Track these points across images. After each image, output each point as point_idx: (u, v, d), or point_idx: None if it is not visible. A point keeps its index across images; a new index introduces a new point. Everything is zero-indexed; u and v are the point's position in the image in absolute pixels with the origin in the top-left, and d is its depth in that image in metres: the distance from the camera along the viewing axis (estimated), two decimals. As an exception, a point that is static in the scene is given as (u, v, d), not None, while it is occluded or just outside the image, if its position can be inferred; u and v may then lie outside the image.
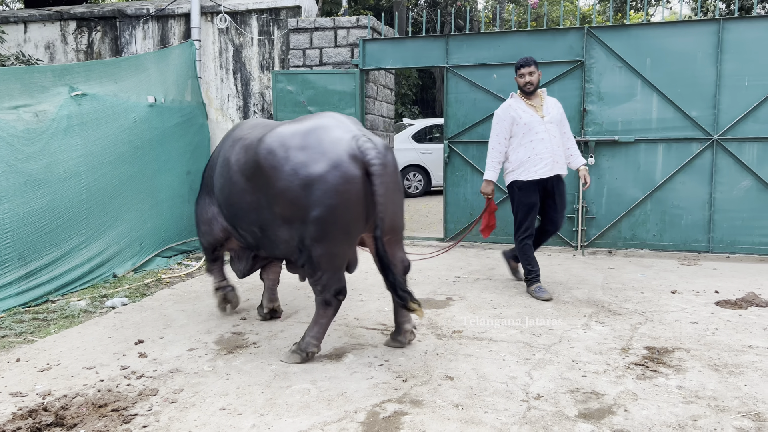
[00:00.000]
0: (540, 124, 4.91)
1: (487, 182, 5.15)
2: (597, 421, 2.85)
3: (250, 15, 8.29)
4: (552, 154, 4.91)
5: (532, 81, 4.93)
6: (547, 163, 4.91)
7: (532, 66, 4.92)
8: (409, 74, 19.09)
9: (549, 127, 4.92)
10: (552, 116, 4.97)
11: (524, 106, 4.97)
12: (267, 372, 3.49)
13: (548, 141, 4.89)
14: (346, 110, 7.48)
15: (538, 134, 4.90)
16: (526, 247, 5.09)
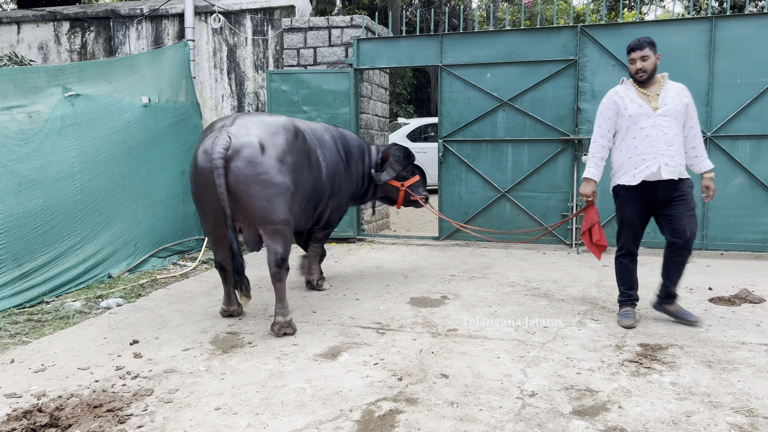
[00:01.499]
0: (648, 118, 4.03)
1: (586, 181, 4.36)
2: (591, 417, 2.86)
3: (244, 15, 8.29)
4: (659, 154, 4.00)
5: (645, 68, 4.03)
6: (651, 165, 4.01)
7: (646, 49, 4.02)
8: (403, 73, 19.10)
9: (660, 122, 4.00)
10: (669, 108, 4.03)
11: (634, 95, 4.11)
12: (262, 371, 3.49)
13: (655, 138, 4.00)
14: (341, 109, 7.48)
15: (643, 129, 4.04)
16: (620, 265, 4.35)
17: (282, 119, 4.44)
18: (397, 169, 5.55)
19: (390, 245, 7.57)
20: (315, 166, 4.64)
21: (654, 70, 4.07)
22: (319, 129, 5.11)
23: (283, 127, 4.33)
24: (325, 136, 5.08)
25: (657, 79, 4.14)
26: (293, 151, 4.29)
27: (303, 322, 4.43)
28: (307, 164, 4.49)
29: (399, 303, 4.90)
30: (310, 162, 4.55)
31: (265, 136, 4.15)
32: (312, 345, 3.92)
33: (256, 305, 4.90)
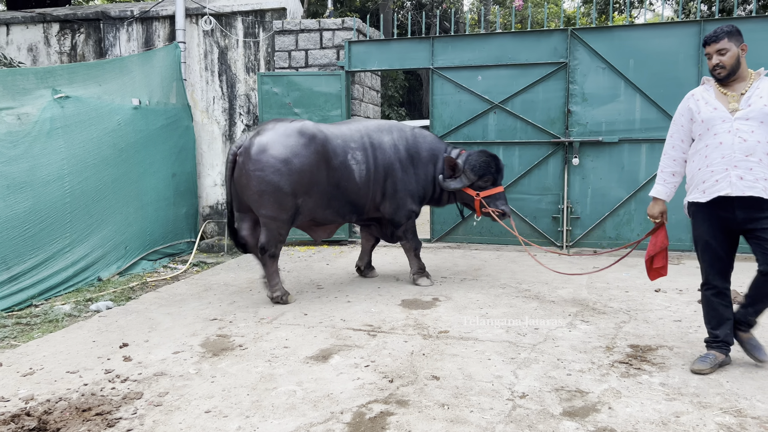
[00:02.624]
0: (723, 122, 3.31)
1: (654, 201, 3.74)
2: (581, 419, 2.87)
3: (235, 17, 8.27)
4: (732, 165, 3.26)
5: (722, 63, 3.31)
6: (721, 179, 3.28)
7: (723, 40, 3.30)
8: (395, 76, 19.12)
9: (739, 126, 3.27)
10: (754, 110, 3.26)
11: (711, 96, 3.41)
12: (253, 374, 3.48)
13: (729, 146, 3.27)
14: (332, 112, 7.48)
15: (716, 136, 3.32)
16: (703, 299, 3.59)
17: (299, 125, 4.95)
18: (471, 178, 5.29)
19: (382, 248, 7.56)
20: (339, 169, 5.05)
21: (737, 64, 3.31)
22: (370, 131, 5.31)
23: (298, 131, 4.87)
24: (382, 138, 5.30)
25: (745, 76, 3.36)
26: (302, 154, 4.81)
27: (294, 324, 4.42)
28: (324, 166, 4.95)
29: (390, 305, 4.90)
30: (329, 165, 4.98)
31: (274, 138, 4.80)
32: (303, 347, 3.91)
33: (247, 308, 4.88)
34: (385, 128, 5.42)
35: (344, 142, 5.15)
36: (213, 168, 8.48)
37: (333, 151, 5.03)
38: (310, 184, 4.90)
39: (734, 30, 3.32)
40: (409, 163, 5.37)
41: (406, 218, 5.46)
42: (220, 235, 8.37)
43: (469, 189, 5.35)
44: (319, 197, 5.00)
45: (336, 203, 5.15)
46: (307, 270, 6.30)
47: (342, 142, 5.13)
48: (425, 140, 5.49)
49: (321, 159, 4.93)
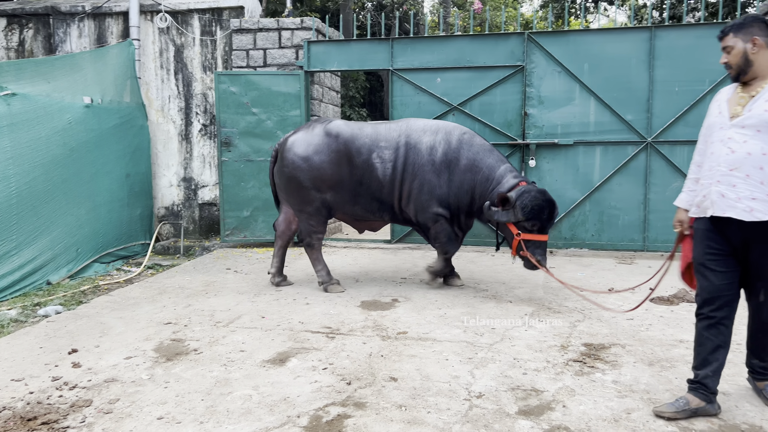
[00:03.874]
0: (720, 129, 2.92)
1: (678, 210, 3.23)
2: (536, 417, 2.91)
3: (191, 15, 8.12)
4: (714, 180, 2.87)
5: (729, 62, 2.93)
6: (707, 195, 2.91)
7: (729, 36, 2.91)
8: (356, 77, 19.08)
9: (732, 135, 2.84)
10: (753, 116, 2.81)
11: (725, 98, 3.00)
12: (208, 379, 3.42)
13: (717, 158, 2.88)
14: (291, 112, 7.42)
15: (712, 145, 2.95)
16: (695, 330, 3.02)
17: (329, 124, 5.32)
18: (518, 216, 4.79)
19: (342, 249, 7.54)
20: (361, 166, 5.20)
21: (745, 62, 2.86)
22: (412, 131, 5.26)
23: (325, 130, 5.28)
24: (422, 138, 5.22)
25: (765, 74, 2.86)
26: (324, 151, 5.20)
27: (251, 327, 4.36)
28: (346, 164, 5.20)
29: (349, 307, 4.88)
30: (352, 162, 5.20)
31: (301, 137, 5.31)
32: (260, 351, 3.86)
33: (202, 311, 4.79)
34: (431, 129, 5.28)
35: (372, 141, 5.24)
36: (169, 168, 8.30)
37: (357, 150, 5.20)
38: (332, 180, 5.22)
39: (746, 22, 2.86)
40: (443, 167, 5.14)
41: (432, 221, 5.23)
42: (176, 237, 8.21)
43: (513, 225, 4.89)
44: (345, 193, 5.28)
45: (362, 200, 5.31)
46: (266, 272, 6.22)
47: (369, 141, 5.23)
48: (470, 149, 5.17)
49: (343, 157, 5.20)
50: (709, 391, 2.90)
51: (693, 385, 2.95)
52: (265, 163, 7.45)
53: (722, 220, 2.86)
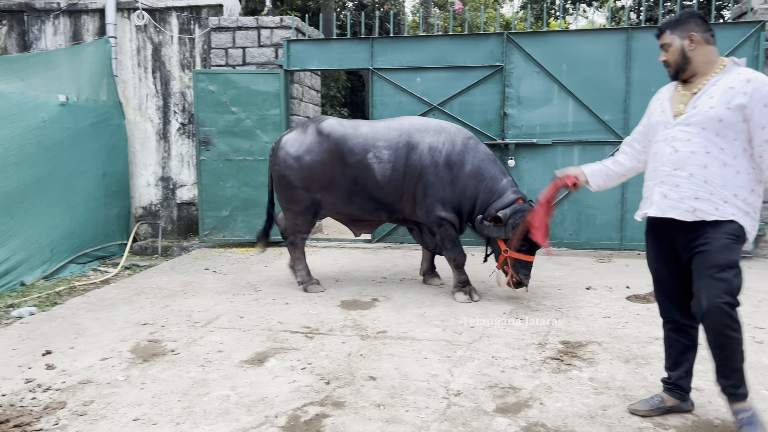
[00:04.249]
0: (664, 128, 2.79)
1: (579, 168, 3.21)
2: (514, 414, 2.92)
3: (169, 12, 8.04)
4: (658, 180, 2.79)
5: (666, 60, 2.81)
6: (649, 196, 2.85)
7: (665, 34, 2.79)
8: (337, 76, 19.05)
9: (675, 134, 2.72)
10: (698, 113, 2.65)
11: (667, 96, 2.88)
12: (185, 380, 3.38)
13: (660, 157, 2.78)
14: (271, 111, 7.38)
15: (656, 144, 2.84)
16: (664, 335, 3.01)
17: (322, 123, 5.24)
18: (508, 234, 4.77)
19: (322, 248, 7.52)
20: (355, 166, 5.09)
21: (683, 60, 2.73)
22: (413, 131, 5.12)
23: (317, 129, 5.21)
24: (423, 138, 5.07)
25: (705, 70, 2.72)
26: (315, 151, 5.14)
27: (229, 328, 4.33)
28: (339, 163, 5.12)
29: (329, 306, 4.87)
30: (345, 162, 5.11)
31: (294, 136, 5.28)
32: (238, 351, 3.83)
33: (180, 312, 4.75)
34: (433, 129, 5.13)
35: (367, 140, 5.11)
36: (146, 168, 8.21)
37: (350, 149, 5.10)
38: (324, 180, 5.16)
39: (682, 18, 2.73)
40: (446, 169, 4.98)
41: (437, 225, 5.08)
42: (154, 237, 8.12)
43: (502, 242, 4.85)
44: (339, 193, 5.20)
45: (358, 200, 5.20)
46: (245, 272, 6.19)
47: (363, 141, 5.11)
48: (476, 155, 5.04)
49: (334, 156, 5.12)
50: (683, 391, 2.92)
51: (668, 386, 2.95)
52: (244, 162, 7.40)
53: (665, 222, 2.76)
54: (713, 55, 2.71)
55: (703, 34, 2.70)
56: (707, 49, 2.71)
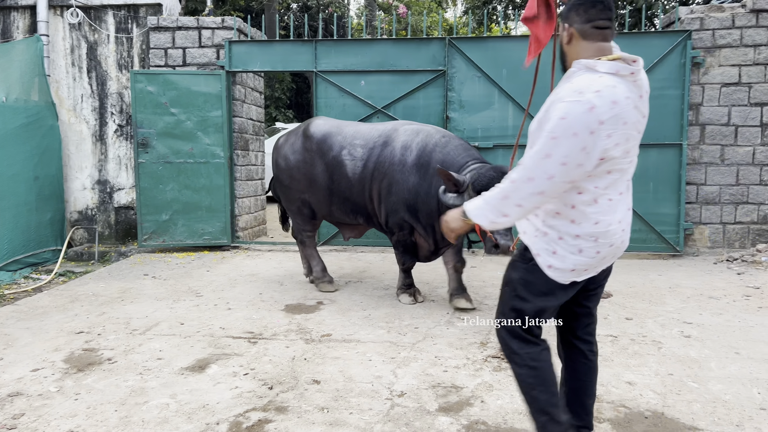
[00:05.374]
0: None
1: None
2: (456, 413, 2.97)
3: (105, 10, 7.79)
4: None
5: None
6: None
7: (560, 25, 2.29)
8: (282, 78, 18.88)
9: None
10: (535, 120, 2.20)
11: None
12: (122, 389, 3.29)
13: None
14: (212, 112, 7.25)
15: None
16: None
17: (309, 123, 5.31)
18: (473, 197, 3.52)
19: (266, 252, 7.43)
20: (331, 164, 5.06)
21: (562, 56, 2.32)
22: (392, 132, 4.94)
23: (303, 129, 5.30)
24: (399, 138, 4.85)
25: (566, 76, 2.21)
26: (299, 151, 5.24)
27: (169, 335, 4.22)
28: (320, 163, 5.12)
29: (273, 311, 4.82)
30: (325, 161, 5.10)
31: (286, 137, 5.44)
32: (178, 358, 3.75)
33: (118, 319, 4.60)
34: (413, 130, 4.88)
35: (346, 138, 5.07)
36: (82, 171, 7.92)
37: (328, 147, 5.10)
38: (307, 180, 5.21)
39: (567, 7, 2.21)
40: (414, 169, 4.70)
41: (397, 227, 4.85)
42: (90, 242, 7.84)
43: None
44: (320, 194, 5.20)
45: (336, 200, 5.16)
46: (186, 277, 6.05)
47: (342, 139, 5.09)
48: (443, 149, 4.63)
49: (316, 156, 5.15)
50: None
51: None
52: (184, 165, 7.24)
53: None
54: (587, 53, 2.12)
55: (582, 26, 2.12)
56: (581, 45, 2.13)
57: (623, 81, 2.05)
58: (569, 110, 1.97)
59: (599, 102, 1.96)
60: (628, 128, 2.04)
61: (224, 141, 7.30)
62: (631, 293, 5.30)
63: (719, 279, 5.83)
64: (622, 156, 2.07)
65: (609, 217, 2.12)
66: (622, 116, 2.00)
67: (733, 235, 6.98)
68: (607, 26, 2.11)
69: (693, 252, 7.01)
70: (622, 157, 2.08)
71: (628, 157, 2.11)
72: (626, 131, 2.04)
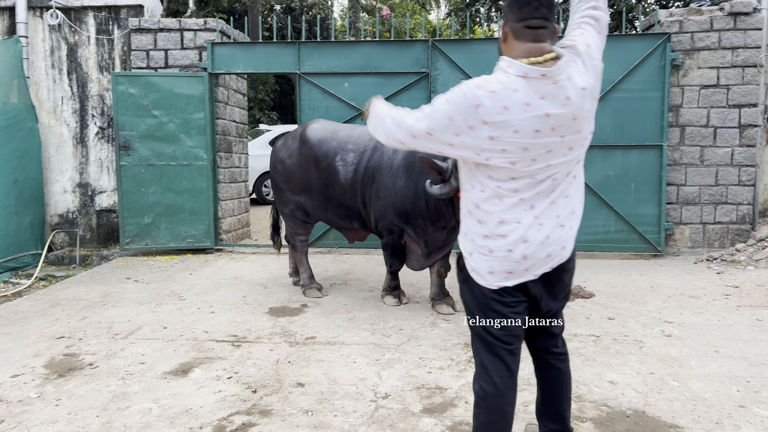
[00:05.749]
0: None
1: None
2: (440, 414, 2.98)
3: (86, 12, 7.71)
4: None
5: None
6: None
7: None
8: (266, 79, 18.82)
9: None
10: None
11: None
12: (104, 394, 3.25)
13: None
14: (195, 114, 7.21)
15: None
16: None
17: (306, 126, 5.25)
18: (458, 181, 3.81)
19: (251, 255, 7.40)
20: (326, 170, 5.01)
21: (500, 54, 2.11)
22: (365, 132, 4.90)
23: (300, 133, 5.23)
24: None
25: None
26: (295, 155, 5.18)
27: (151, 339, 4.19)
28: (314, 168, 5.07)
29: (257, 314, 4.80)
30: (318, 166, 5.04)
31: (283, 140, 5.42)
32: (161, 363, 3.72)
33: (99, 323, 4.56)
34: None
35: (340, 144, 5.01)
36: (62, 174, 7.83)
37: (323, 154, 5.04)
38: (302, 183, 5.17)
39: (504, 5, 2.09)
40: (402, 170, 4.61)
41: (387, 231, 4.79)
42: (72, 246, 7.75)
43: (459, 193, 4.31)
44: (316, 198, 5.15)
45: (332, 206, 5.12)
46: (169, 280, 6.00)
47: (336, 144, 5.02)
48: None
49: (310, 161, 5.09)
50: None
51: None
52: (167, 167, 7.19)
53: None
54: (516, 52, 2.00)
55: (514, 25, 1.99)
56: (513, 45, 2.01)
57: (530, 85, 1.91)
58: (457, 97, 1.95)
59: (490, 103, 1.90)
60: (522, 137, 1.91)
61: (207, 143, 7.26)
62: (613, 293, 5.35)
63: (699, 278, 5.91)
64: (524, 165, 1.96)
65: (518, 216, 2.03)
66: (513, 124, 1.90)
67: (712, 234, 7.08)
68: (540, 26, 1.96)
69: (674, 252, 7.09)
70: (525, 166, 1.96)
71: (534, 165, 1.96)
72: (519, 140, 1.91)
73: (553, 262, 2.11)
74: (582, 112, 1.96)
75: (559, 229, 2.08)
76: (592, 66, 2.03)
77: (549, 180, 2.02)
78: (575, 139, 1.99)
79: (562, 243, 2.10)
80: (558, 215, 2.07)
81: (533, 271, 2.10)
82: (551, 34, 2.00)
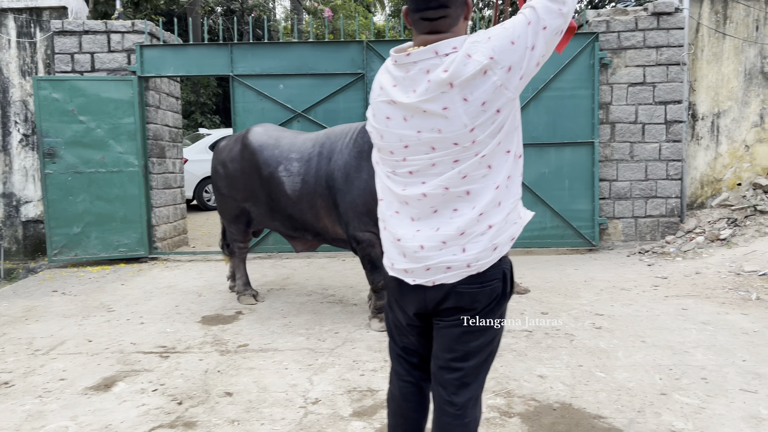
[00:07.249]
0: None
1: None
2: (369, 417, 2.95)
3: (5, 14, 7.36)
4: None
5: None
6: None
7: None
8: (208, 83, 18.43)
9: None
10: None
11: None
12: (18, 414, 3.08)
13: None
14: (124, 119, 6.96)
15: None
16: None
17: (248, 131, 4.99)
18: None
19: (187, 263, 7.20)
20: (268, 180, 4.70)
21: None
22: (333, 137, 4.51)
23: (242, 137, 5.00)
24: (337, 143, 4.43)
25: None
26: (236, 159, 4.95)
27: (74, 353, 4.01)
28: (256, 176, 4.80)
29: (189, 323, 4.66)
30: (260, 175, 4.76)
31: (225, 143, 5.26)
32: (83, 378, 3.56)
33: (19, 340, 4.33)
34: (351, 129, 4.47)
35: (282, 152, 4.66)
36: (-16, 183, 7.44)
37: (264, 162, 4.72)
38: (246, 190, 4.94)
39: None
40: (355, 169, 4.27)
41: (355, 241, 4.38)
42: (-5, 260, 7.37)
43: None
44: (261, 207, 4.92)
45: (278, 216, 4.83)
46: (98, 292, 5.77)
47: (278, 153, 4.67)
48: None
49: (252, 168, 4.84)
50: None
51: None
52: (96, 175, 6.92)
53: None
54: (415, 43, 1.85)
55: (412, 15, 1.83)
56: (414, 36, 1.86)
57: (388, 71, 1.84)
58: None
59: (375, 84, 1.90)
60: (378, 123, 1.85)
61: (138, 149, 7.03)
62: (548, 288, 5.44)
63: (631, 271, 6.08)
64: (384, 154, 1.87)
65: (387, 200, 1.92)
66: (373, 107, 1.87)
67: (644, 228, 7.30)
68: (435, 16, 1.75)
69: (608, 246, 7.28)
70: (385, 155, 1.87)
71: (392, 157, 1.85)
72: (376, 125, 1.86)
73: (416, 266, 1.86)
74: (437, 110, 1.71)
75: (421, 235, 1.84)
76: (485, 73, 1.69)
77: (413, 179, 1.82)
78: (436, 139, 1.74)
79: (427, 254, 1.83)
80: (411, 219, 1.85)
81: (414, 272, 1.85)
82: (448, 26, 1.76)
